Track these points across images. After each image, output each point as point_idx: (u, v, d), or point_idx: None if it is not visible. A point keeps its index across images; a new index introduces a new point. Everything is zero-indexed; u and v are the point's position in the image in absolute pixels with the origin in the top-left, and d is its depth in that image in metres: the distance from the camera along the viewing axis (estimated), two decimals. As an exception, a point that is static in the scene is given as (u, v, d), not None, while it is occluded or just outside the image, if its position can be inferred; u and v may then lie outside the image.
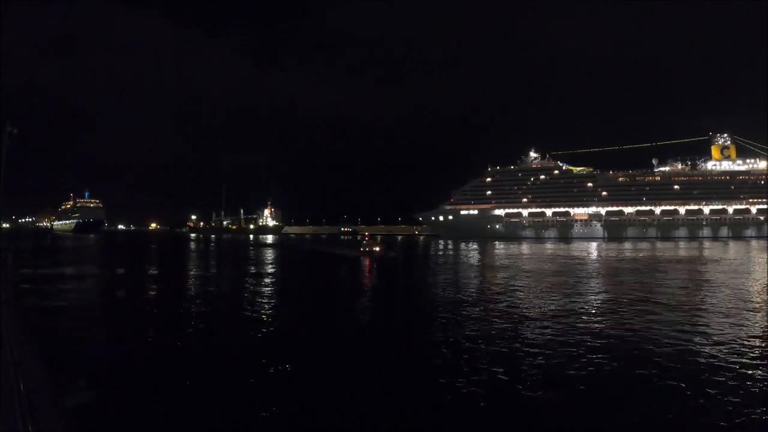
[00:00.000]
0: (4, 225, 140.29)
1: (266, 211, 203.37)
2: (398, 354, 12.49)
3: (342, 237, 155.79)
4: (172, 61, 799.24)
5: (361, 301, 22.57)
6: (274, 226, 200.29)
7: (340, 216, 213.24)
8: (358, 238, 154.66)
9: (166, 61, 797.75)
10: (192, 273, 37.15)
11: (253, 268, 41.19)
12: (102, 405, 8.26)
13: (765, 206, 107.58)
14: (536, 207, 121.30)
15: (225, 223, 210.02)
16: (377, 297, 24.36)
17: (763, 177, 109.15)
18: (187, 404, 9.23)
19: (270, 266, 44.92)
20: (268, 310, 19.96)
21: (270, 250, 71.74)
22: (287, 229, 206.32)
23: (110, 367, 11.33)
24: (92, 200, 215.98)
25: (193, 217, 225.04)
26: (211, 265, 45.81)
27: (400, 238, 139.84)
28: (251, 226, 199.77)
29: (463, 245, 76.29)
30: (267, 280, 31.12)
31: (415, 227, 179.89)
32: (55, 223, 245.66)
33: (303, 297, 24.32)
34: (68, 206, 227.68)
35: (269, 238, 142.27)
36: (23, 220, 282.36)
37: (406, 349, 12.95)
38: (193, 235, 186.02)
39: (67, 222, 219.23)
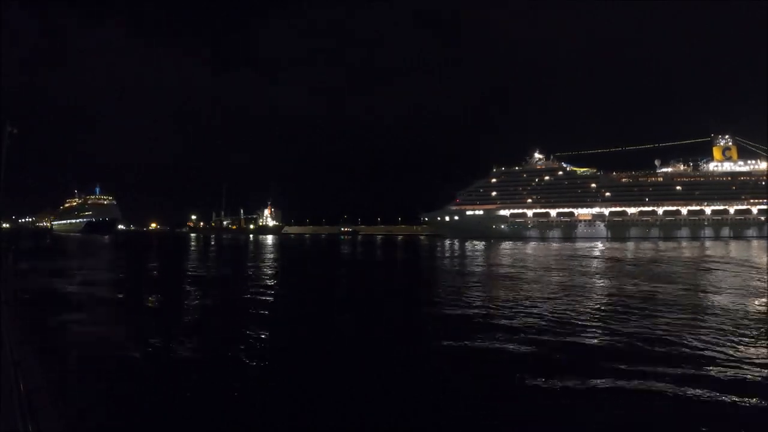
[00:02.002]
0: (4, 225, 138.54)
1: (266, 211, 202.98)
2: None
3: (342, 237, 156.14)
4: (172, 63, 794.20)
5: None
6: (274, 226, 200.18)
7: (340, 216, 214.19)
8: (359, 238, 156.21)
9: (165, 63, 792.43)
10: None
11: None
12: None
13: (766, 206, 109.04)
14: (541, 207, 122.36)
15: (225, 223, 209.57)
16: None
17: (764, 178, 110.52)
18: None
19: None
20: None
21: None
22: (287, 229, 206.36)
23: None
24: (105, 197, 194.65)
25: (193, 217, 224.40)
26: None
27: (400, 237, 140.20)
28: (251, 226, 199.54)
29: (484, 245, 76.66)
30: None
31: (415, 227, 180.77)
32: (55, 222, 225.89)
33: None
34: (74, 204, 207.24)
35: (269, 238, 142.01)
36: (23, 220, 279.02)
37: None
38: (193, 235, 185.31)
39: (74, 221, 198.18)
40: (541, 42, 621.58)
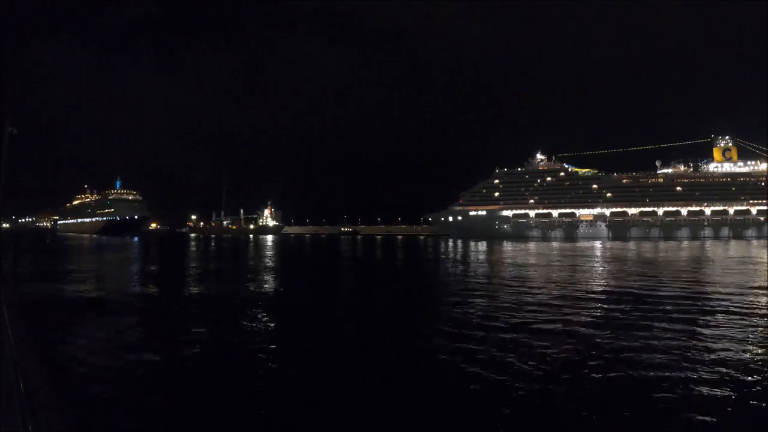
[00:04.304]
0: (4, 225, 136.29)
1: (266, 211, 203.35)
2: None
3: (342, 237, 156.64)
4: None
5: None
6: (274, 226, 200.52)
7: (340, 216, 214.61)
8: (359, 237, 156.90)
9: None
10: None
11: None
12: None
13: (765, 207, 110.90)
14: (543, 208, 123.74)
15: (225, 223, 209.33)
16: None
17: (764, 179, 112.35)
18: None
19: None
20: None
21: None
22: (287, 229, 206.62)
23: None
24: (129, 191, 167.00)
25: (193, 217, 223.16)
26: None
27: (400, 238, 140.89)
28: (251, 226, 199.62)
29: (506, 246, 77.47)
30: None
31: (415, 227, 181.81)
32: (61, 222, 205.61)
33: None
34: (86, 200, 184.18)
35: (269, 238, 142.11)
36: (23, 220, 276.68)
37: None
38: (193, 235, 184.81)
39: (87, 221, 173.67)
40: (541, 43, 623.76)
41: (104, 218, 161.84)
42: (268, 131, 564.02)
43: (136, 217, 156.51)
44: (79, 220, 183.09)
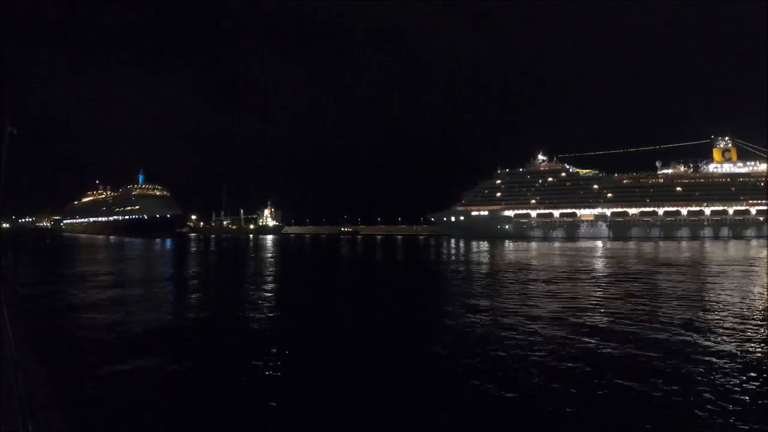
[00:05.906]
0: (4, 225, 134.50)
1: (266, 211, 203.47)
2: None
3: (342, 237, 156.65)
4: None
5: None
6: (274, 226, 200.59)
7: (340, 216, 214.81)
8: (359, 238, 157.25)
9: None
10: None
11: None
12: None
13: (764, 207, 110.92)
14: (544, 208, 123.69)
15: (225, 223, 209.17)
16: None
17: (763, 179, 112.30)
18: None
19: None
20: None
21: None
22: (287, 229, 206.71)
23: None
24: (155, 186, 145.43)
25: (193, 217, 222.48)
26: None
27: (400, 238, 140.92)
28: (251, 226, 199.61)
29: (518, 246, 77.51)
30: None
31: (415, 227, 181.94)
32: (67, 221, 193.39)
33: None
34: (100, 198, 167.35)
35: (269, 239, 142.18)
36: (23, 220, 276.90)
37: None
38: (193, 235, 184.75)
39: (102, 219, 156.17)
40: (541, 44, 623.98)
41: (126, 217, 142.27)
42: (268, 131, 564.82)
43: (168, 215, 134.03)
44: (92, 219, 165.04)
